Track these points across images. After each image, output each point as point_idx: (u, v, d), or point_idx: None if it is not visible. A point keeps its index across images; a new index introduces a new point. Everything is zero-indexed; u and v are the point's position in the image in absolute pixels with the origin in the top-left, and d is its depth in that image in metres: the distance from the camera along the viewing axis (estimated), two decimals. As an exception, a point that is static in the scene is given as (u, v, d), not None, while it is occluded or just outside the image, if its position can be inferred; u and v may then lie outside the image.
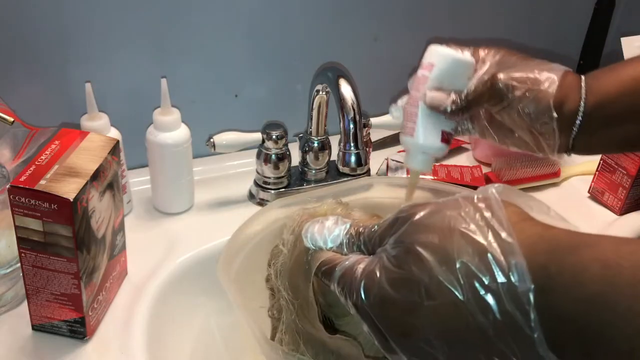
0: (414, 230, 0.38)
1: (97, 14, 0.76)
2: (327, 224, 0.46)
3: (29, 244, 0.56)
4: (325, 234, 0.46)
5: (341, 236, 0.45)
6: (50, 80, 0.78)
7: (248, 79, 0.90)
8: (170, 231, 0.77)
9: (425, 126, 0.56)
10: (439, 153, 0.58)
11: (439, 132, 0.57)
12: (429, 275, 0.36)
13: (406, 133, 0.58)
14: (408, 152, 0.59)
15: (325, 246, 0.46)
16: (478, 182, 0.88)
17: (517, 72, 0.54)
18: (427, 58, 0.57)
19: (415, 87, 0.57)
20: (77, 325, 0.61)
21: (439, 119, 0.56)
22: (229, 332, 0.72)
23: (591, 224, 0.84)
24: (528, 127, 0.55)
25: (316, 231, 0.47)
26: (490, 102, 0.55)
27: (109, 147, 0.61)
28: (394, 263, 0.38)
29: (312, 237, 0.47)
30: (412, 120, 0.57)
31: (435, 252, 0.36)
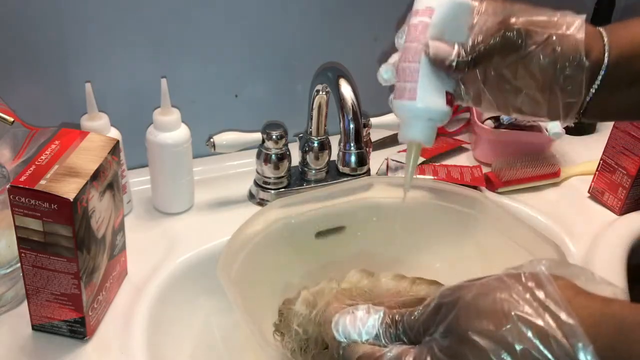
0: (465, 316, 0.36)
1: (97, 14, 0.76)
2: (359, 315, 0.43)
3: (29, 244, 0.56)
4: (359, 326, 0.42)
5: (376, 327, 0.42)
6: (50, 80, 0.78)
7: (248, 79, 0.90)
8: (170, 231, 0.77)
9: (427, 85, 0.47)
10: (445, 118, 0.48)
11: (443, 93, 0.47)
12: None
13: (404, 96, 0.48)
14: (405, 120, 0.49)
15: (360, 339, 0.42)
16: (478, 182, 0.88)
17: (534, 15, 0.46)
18: (423, 2, 0.47)
19: (413, 38, 0.47)
20: (77, 325, 0.61)
21: (441, 77, 0.47)
22: (229, 332, 0.72)
23: (591, 224, 0.84)
24: (548, 81, 0.46)
25: (348, 324, 0.43)
26: (504, 52, 0.46)
27: (109, 147, 0.61)
28: (448, 354, 0.36)
29: (345, 330, 0.43)
30: (411, 80, 0.47)
31: (493, 339, 0.34)
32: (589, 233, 0.82)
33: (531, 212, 0.85)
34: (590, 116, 0.48)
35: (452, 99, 0.48)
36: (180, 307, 0.71)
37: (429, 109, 0.47)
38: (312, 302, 0.53)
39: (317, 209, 0.71)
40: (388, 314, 0.42)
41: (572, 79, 0.45)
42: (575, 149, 1.01)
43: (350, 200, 0.73)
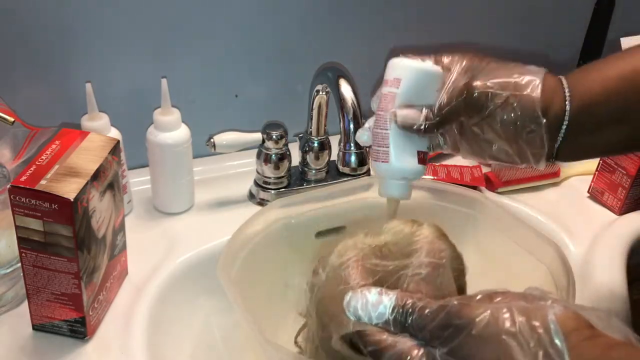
0: (469, 345, 0.38)
1: (98, 14, 0.76)
2: (370, 299, 0.44)
3: (29, 244, 0.57)
4: (370, 311, 0.44)
5: (387, 314, 0.43)
6: (51, 80, 0.78)
7: (248, 79, 0.90)
8: (171, 231, 0.77)
9: (399, 149, 0.51)
10: (418, 176, 0.53)
11: (414, 153, 0.52)
12: None
13: (379, 159, 0.52)
14: (382, 179, 0.54)
15: (370, 322, 0.44)
16: (478, 182, 0.88)
17: (494, 77, 0.50)
18: (391, 73, 0.52)
19: (383, 107, 0.52)
20: (77, 325, 0.61)
21: (412, 139, 0.51)
22: (229, 332, 0.72)
23: (591, 224, 0.84)
24: (511, 137, 0.50)
25: (360, 306, 0.44)
26: (468, 113, 0.50)
27: (110, 147, 0.61)
28: None
29: (356, 312, 0.44)
30: (384, 145, 0.52)
31: None
32: (588, 233, 0.82)
33: (531, 212, 0.85)
34: (563, 159, 0.52)
35: (424, 158, 0.53)
36: (180, 307, 0.71)
37: (402, 169, 0.52)
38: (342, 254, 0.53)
39: (317, 209, 0.71)
40: (400, 300, 0.43)
41: (533, 134, 0.49)
42: (575, 149, 1.01)
43: (350, 200, 0.73)
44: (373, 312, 0.43)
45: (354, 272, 0.50)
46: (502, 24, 1.02)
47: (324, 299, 0.51)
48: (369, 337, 0.43)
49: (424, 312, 0.41)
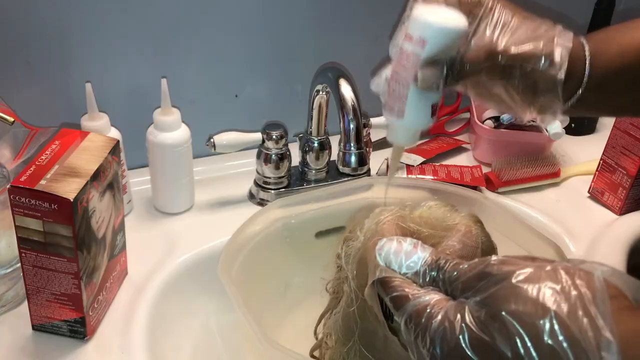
0: (506, 296, 0.36)
1: (98, 14, 0.76)
2: (405, 247, 0.42)
3: (29, 244, 0.56)
4: (402, 258, 0.42)
5: (419, 265, 0.41)
6: (51, 80, 0.78)
7: (248, 79, 0.90)
8: (170, 231, 0.77)
9: (416, 107, 0.50)
10: (428, 127, 0.52)
11: (429, 109, 0.51)
12: (513, 349, 0.34)
13: (392, 113, 0.51)
14: (392, 128, 0.53)
15: (400, 270, 0.42)
16: (478, 182, 0.88)
17: (521, 43, 0.48)
18: (416, 30, 0.48)
19: (404, 64, 0.49)
20: (77, 325, 0.61)
21: (428, 94, 0.49)
22: (229, 332, 0.72)
23: (591, 224, 0.84)
24: (527, 100, 0.50)
25: (392, 252, 0.43)
26: (489, 75, 0.49)
27: (109, 147, 0.61)
28: (477, 324, 0.36)
29: (387, 257, 0.43)
30: (400, 101, 0.50)
31: (524, 327, 0.34)
32: (588, 233, 0.82)
33: (531, 212, 0.85)
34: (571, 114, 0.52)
35: (436, 110, 0.51)
36: (180, 307, 0.71)
37: (415, 122, 0.51)
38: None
39: (317, 209, 0.71)
40: (434, 255, 0.42)
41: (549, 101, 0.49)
42: (575, 149, 1.01)
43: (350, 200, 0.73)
44: (404, 260, 0.42)
45: (390, 227, 0.48)
46: (502, 24, 1.02)
47: (362, 259, 0.49)
48: (394, 283, 0.41)
49: (459, 266, 0.40)
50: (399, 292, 0.40)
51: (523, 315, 0.34)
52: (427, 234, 0.50)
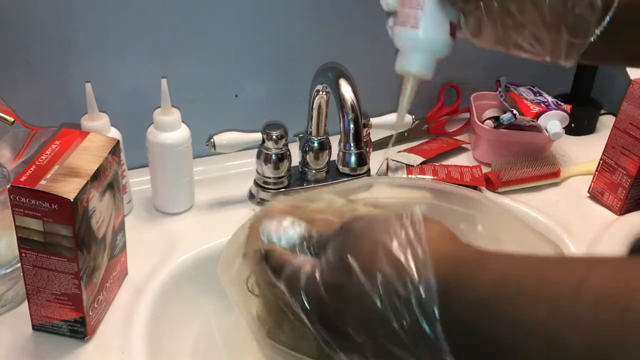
0: (348, 240, 0.42)
1: (98, 14, 0.77)
2: (284, 224, 0.48)
3: (29, 244, 0.56)
4: (281, 234, 0.48)
5: (295, 238, 0.47)
6: (51, 80, 0.78)
7: (248, 79, 0.90)
8: (170, 231, 0.77)
9: (433, 14, 0.44)
10: (446, 51, 0.46)
11: (447, 22, 0.45)
12: (355, 282, 0.39)
13: (406, 24, 0.46)
14: (404, 50, 0.47)
15: (279, 244, 0.48)
16: (478, 182, 0.88)
17: None
18: None
19: None
20: (77, 325, 0.61)
21: (445, 7, 0.44)
22: (229, 332, 0.72)
23: (591, 224, 0.84)
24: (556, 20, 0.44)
25: (273, 230, 0.49)
26: None
27: (110, 147, 0.61)
28: (328, 268, 0.41)
29: (269, 234, 0.49)
30: (416, 7, 0.45)
31: (362, 263, 0.39)
32: (588, 233, 0.82)
33: (531, 212, 0.85)
34: (591, 58, 0.48)
35: (455, 29, 0.46)
36: (180, 307, 0.71)
37: (431, 38, 0.45)
38: None
39: (317, 209, 0.71)
40: (309, 229, 0.47)
41: (581, 19, 0.44)
42: (575, 149, 1.01)
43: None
44: (283, 236, 0.48)
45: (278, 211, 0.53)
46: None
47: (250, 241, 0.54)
48: (274, 254, 0.47)
49: (322, 234, 0.45)
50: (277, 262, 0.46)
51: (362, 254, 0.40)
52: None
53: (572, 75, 1.07)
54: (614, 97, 1.06)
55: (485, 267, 0.36)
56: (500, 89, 1.00)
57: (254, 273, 0.57)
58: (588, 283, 0.31)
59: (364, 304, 0.38)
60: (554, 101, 0.97)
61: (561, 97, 1.03)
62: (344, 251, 0.41)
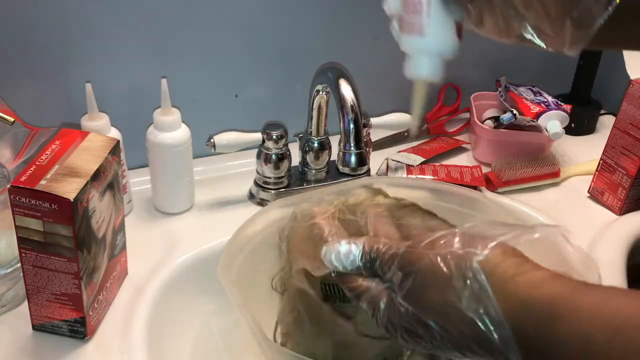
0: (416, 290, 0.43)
1: (98, 14, 0.76)
2: (342, 250, 0.49)
3: (29, 244, 0.56)
4: (343, 260, 0.49)
5: (357, 261, 0.48)
6: (51, 80, 0.78)
7: (248, 79, 0.90)
8: (170, 231, 0.77)
9: (438, 19, 0.43)
10: (455, 52, 0.46)
11: (452, 24, 0.44)
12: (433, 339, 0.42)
13: (413, 31, 0.45)
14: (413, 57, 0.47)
15: (346, 270, 0.49)
16: (478, 182, 0.88)
17: None
18: None
19: None
20: (77, 325, 0.61)
21: (449, 8, 0.43)
22: (229, 332, 0.72)
23: (591, 224, 0.84)
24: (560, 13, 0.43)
25: (334, 258, 0.50)
26: None
27: (110, 147, 0.61)
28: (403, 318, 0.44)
29: (331, 263, 0.50)
30: (420, 12, 0.44)
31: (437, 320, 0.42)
32: (588, 233, 0.82)
33: (531, 212, 0.85)
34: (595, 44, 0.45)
35: (461, 30, 0.45)
36: (180, 307, 0.71)
37: (439, 43, 0.45)
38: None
39: (317, 209, 0.71)
40: (367, 246, 0.48)
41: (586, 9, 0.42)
42: (575, 149, 1.01)
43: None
44: (345, 261, 0.49)
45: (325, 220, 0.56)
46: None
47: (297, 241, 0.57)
48: (349, 284, 0.49)
49: (384, 258, 0.47)
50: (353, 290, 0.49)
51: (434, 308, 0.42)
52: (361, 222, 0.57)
53: (572, 75, 1.07)
54: (614, 97, 1.06)
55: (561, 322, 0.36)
56: (500, 89, 1.00)
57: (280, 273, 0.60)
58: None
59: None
60: (554, 101, 0.97)
61: (561, 97, 1.03)
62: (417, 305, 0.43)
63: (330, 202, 0.60)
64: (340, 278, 0.50)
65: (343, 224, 0.56)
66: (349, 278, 0.49)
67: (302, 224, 0.58)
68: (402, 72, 0.50)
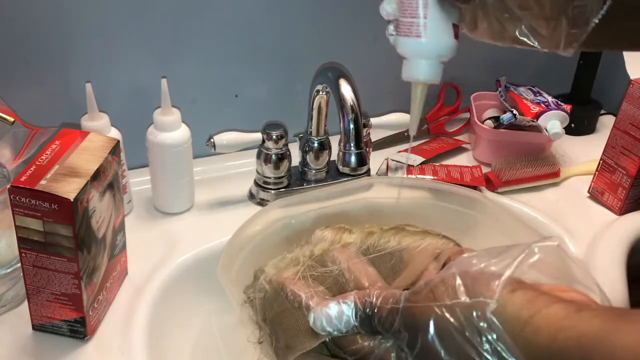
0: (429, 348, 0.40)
1: (98, 14, 0.76)
2: (332, 313, 0.45)
3: (29, 244, 0.57)
4: (336, 324, 0.45)
5: (352, 322, 0.45)
6: (51, 80, 0.78)
7: (248, 79, 0.90)
8: (170, 231, 0.77)
9: (435, 20, 0.43)
10: (453, 54, 0.45)
11: (450, 26, 0.44)
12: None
13: (410, 34, 0.45)
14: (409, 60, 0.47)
15: (341, 333, 0.45)
16: (478, 182, 0.88)
17: None
18: None
19: None
20: (77, 325, 0.61)
21: (445, 10, 0.43)
22: (229, 332, 0.72)
23: (591, 224, 0.84)
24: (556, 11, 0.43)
25: (325, 323, 0.46)
26: None
27: (110, 147, 0.61)
28: None
29: (324, 329, 0.46)
30: (416, 15, 0.44)
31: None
32: (588, 233, 0.82)
33: (531, 212, 0.85)
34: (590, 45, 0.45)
35: (458, 31, 0.45)
36: (180, 307, 0.71)
37: (436, 45, 0.45)
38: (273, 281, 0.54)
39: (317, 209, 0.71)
40: (359, 303, 0.45)
41: (581, 9, 0.42)
42: (575, 149, 1.01)
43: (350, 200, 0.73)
44: (339, 324, 0.45)
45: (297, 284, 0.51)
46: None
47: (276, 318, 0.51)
48: (349, 348, 0.45)
49: (382, 314, 0.43)
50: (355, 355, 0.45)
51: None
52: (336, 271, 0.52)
53: (572, 75, 1.07)
54: (614, 97, 1.06)
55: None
56: (500, 89, 1.00)
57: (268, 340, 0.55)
58: None
59: None
60: (554, 101, 0.97)
61: (561, 97, 1.03)
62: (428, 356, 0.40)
63: (294, 259, 0.55)
64: (337, 342, 0.46)
65: (318, 280, 0.52)
66: (347, 341, 0.46)
67: (274, 296, 0.52)
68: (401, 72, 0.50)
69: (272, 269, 0.54)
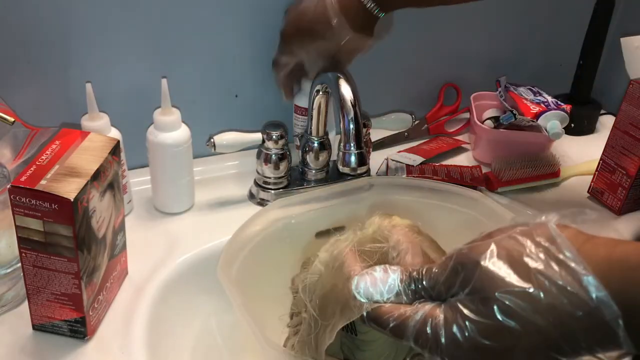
0: (489, 279, 0.39)
1: (98, 14, 0.76)
2: (378, 276, 0.44)
3: (29, 244, 0.57)
4: (380, 286, 0.44)
5: (397, 285, 0.44)
6: (51, 80, 0.78)
7: (248, 79, 0.90)
8: (171, 231, 0.77)
9: None
10: None
11: None
12: (519, 320, 0.37)
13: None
14: None
15: (383, 298, 0.44)
16: (478, 182, 0.88)
17: None
18: None
19: None
20: (77, 325, 0.61)
21: None
22: (229, 332, 0.72)
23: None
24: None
25: (369, 285, 0.45)
26: None
27: (110, 147, 0.61)
28: (479, 314, 0.39)
29: (367, 292, 0.45)
30: None
31: (519, 297, 0.38)
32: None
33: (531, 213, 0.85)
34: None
35: None
36: (180, 307, 0.71)
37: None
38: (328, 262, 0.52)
39: (317, 209, 0.71)
40: (405, 271, 0.44)
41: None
42: (575, 149, 1.01)
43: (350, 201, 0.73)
44: (383, 287, 0.44)
45: (351, 257, 0.50)
46: (502, 25, 1.03)
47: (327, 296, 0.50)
48: (387, 315, 0.43)
49: (431, 271, 0.43)
50: (395, 320, 0.43)
51: (513, 288, 0.38)
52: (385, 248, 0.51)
53: (572, 75, 1.07)
54: (614, 97, 1.06)
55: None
56: (500, 89, 1.01)
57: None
58: None
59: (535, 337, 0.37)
60: (554, 101, 0.97)
61: (561, 97, 1.03)
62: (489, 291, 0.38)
63: (347, 239, 0.54)
64: (375, 314, 0.44)
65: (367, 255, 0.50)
66: (386, 310, 0.43)
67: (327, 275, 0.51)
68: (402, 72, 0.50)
69: (325, 254, 0.53)
